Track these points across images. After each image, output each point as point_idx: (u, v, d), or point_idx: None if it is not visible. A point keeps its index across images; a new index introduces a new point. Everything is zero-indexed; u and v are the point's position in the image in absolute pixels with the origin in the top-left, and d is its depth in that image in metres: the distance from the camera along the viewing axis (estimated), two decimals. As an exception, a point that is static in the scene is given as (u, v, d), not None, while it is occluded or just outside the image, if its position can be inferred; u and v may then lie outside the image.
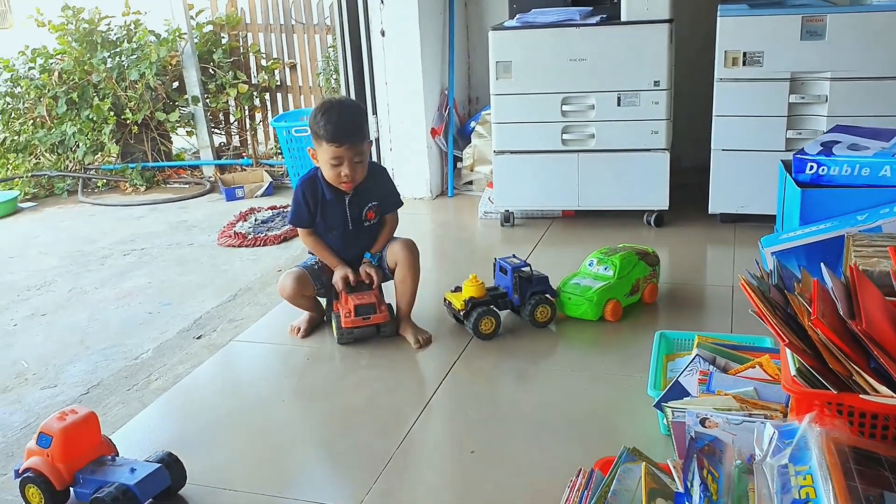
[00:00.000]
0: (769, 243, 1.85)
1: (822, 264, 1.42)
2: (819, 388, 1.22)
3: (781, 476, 1.09)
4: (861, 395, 1.18)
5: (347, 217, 2.74)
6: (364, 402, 2.37)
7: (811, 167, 1.88)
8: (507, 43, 3.68)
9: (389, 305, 2.77)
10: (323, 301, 2.90)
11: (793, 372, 1.24)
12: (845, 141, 1.95)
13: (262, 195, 4.98)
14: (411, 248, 2.80)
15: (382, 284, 2.82)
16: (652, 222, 3.78)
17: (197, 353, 2.75)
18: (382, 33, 4.24)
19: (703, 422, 1.69)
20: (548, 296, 2.79)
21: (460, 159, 4.56)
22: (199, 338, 2.90)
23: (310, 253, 2.87)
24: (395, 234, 2.89)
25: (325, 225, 2.75)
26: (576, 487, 1.59)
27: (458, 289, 2.80)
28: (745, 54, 3.46)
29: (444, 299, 2.83)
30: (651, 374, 2.18)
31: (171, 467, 1.92)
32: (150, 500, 1.89)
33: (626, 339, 2.69)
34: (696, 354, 1.89)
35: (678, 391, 1.90)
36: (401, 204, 2.89)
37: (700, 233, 3.68)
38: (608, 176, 3.73)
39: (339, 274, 2.72)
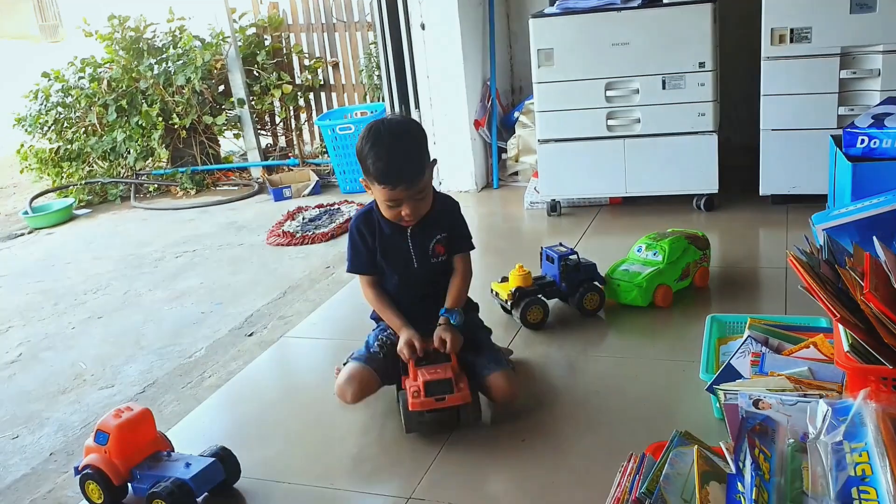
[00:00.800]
0: (820, 220, 1.79)
1: (874, 238, 1.37)
2: (873, 364, 1.18)
3: (836, 453, 1.06)
4: (919, 370, 1.14)
5: (411, 253, 2.25)
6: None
7: (862, 140, 1.82)
8: (547, 30, 3.65)
9: (474, 387, 2.16)
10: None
11: (846, 348, 1.20)
12: (897, 112, 1.89)
13: (308, 194, 5.03)
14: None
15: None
16: (702, 206, 3.72)
17: (249, 350, 2.79)
18: (422, 27, 4.24)
19: (755, 403, 1.65)
20: (596, 283, 2.76)
21: (505, 150, 4.54)
22: (250, 335, 2.94)
23: (372, 318, 2.43)
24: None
25: (386, 266, 2.27)
26: (627, 472, 1.57)
27: (504, 279, 2.79)
28: (792, 31, 3.37)
29: (491, 290, 2.82)
30: (703, 358, 2.14)
31: (225, 461, 1.95)
32: (206, 493, 1.93)
33: (677, 324, 2.65)
34: (748, 336, 1.85)
35: (730, 374, 1.86)
36: (472, 247, 2.38)
37: (751, 215, 3.60)
38: (655, 161, 3.68)
39: (405, 338, 2.17)
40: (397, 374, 2.21)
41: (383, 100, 5.32)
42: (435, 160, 2.24)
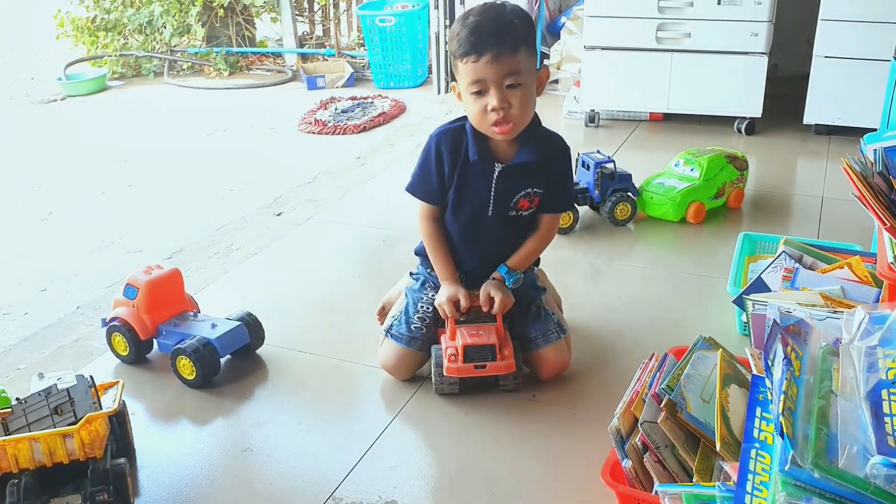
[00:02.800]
0: (872, 140, 1.74)
1: None
2: (918, 276, 1.17)
3: (869, 357, 1.05)
4: (963, 284, 1.13)
5: (491, 194, 1.85)
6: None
7: (928, 61, 1.75)
8: (604, -69, 3.51)
9: (518, 349, 1.87)
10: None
11: (890, 259, 1.18)
12: (969, 35, 1.81)
13: (342, 86, 4.96)
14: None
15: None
16: (743, 129, 3.64)
17: (277, 228, 2.80)
18: (474, -81, 4.09)
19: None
20: (629, 194, 2.74)
21: (547, 56, 4.43)
22: (278, 215, 2.95)
23: (418, 253, 2.06)
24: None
25: (456, 202, 1.89)
26: (648, 369, 1.58)
27: None
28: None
29: None
30: (732, 273, 2.13)
31: (250, 326, 1.98)
32: (229, 355, 1.97)
33: (707, 241, 2.63)
34: (783, 251, 1.83)
35: (760, 287, 1.85)
36: (568, 207, 2.21)
37: (792, 143, 3.53)
38: (701, 78, 3.58)
39: (448, 293, 1.86)
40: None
41: (427, -6, 5.19)
42: (546, 66, 1.92)
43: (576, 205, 2.70)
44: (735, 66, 3.53)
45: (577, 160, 2.84)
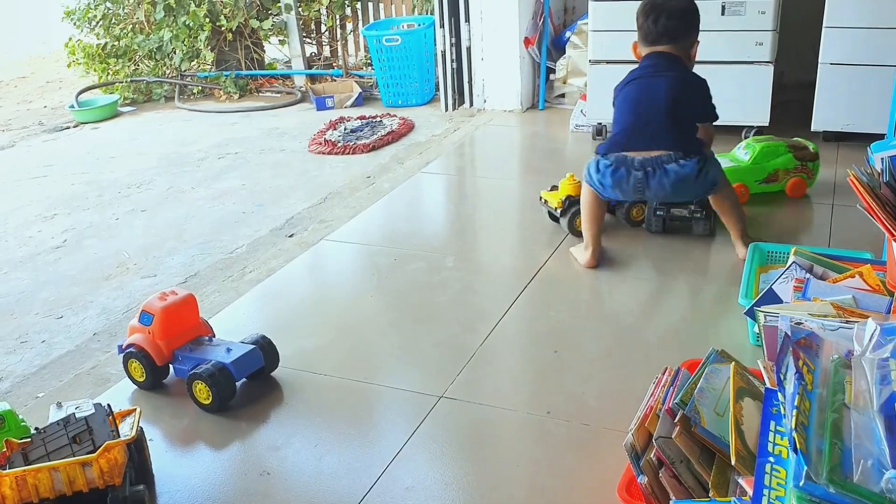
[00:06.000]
0: (879, 149, 1.75)
1: None
2: (927, 286, 1.17)
3: (881, 369, 1.06)
4: (973, 294, 1.13)
5: None
6: (450, 301, 2.40)
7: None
8: (606, -54, 3.53)
9: None
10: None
11: (900, 269, 1.18)
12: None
13: (351, 105, 4.99)
14: None
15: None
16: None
17: (289, 250, 2.82)
18: (477, -63, 4.13)
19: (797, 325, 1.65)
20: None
21: (553, 71, 4.46)
22: (290, 236, 2.97)
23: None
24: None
25: None
26: (661, 384, 1.58)
27: (554, 188, 2.83)
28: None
29: (541, 198, 2.86)
30: (743, 284, 2.14)
31: (264, 349, 2.00)
32: (244, 379, 1.98)
33: (719, 250, 2.63)
34: (793, 262, 1.83)
35: (771, 298, 1.85)
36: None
37: (801, 151, 3.52)
38: (715, 89, 3.57)
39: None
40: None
41: (432, 12, 5.23)
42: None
43: None
44: (741, 76, 3.53)
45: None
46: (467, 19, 4.34)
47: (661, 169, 2.41)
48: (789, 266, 1.83)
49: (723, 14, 3.46)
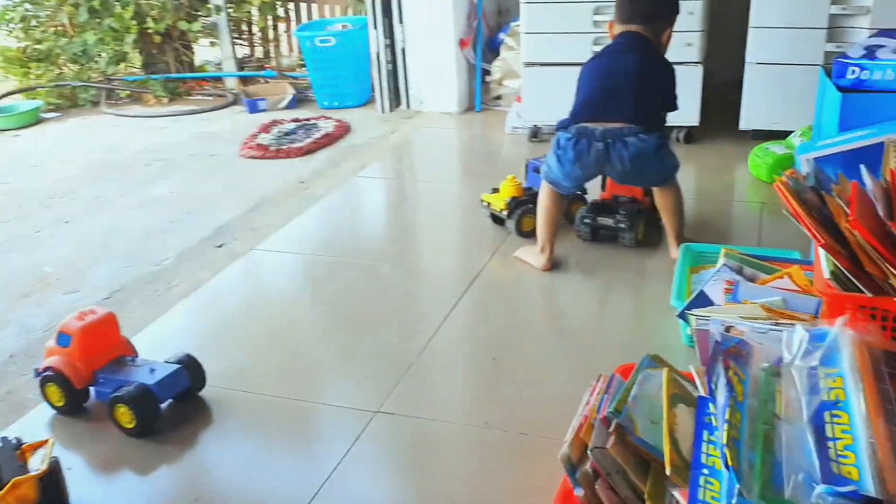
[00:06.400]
0: (805, 150, 1.77)
1: (861, 166, 1.35)
2: (853, 292, 1.17)
3: (810, 378, 1.05)
4: (897, 299, 1.13)
5: None
6: (387, 309, 2.36)
7: (853, 71, 1.78)
8: (537, -53, 3.53)
9: None
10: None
11: (826, 275, 1.19)
12: (889, 45, 1.85)
13: (284, 108, 4.90)
14: None
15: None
16: (681, 139, 3.68)
17: (218, 261, 2.74)
18: (408, -62, 4.09)
19: (727, 330, 1.65)
20: (580, 194, 2.81)
21: (488, 73, 4.44)
22: (220, 246, 2.89)
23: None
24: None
25: None
26: (596, 391, 1.56)
27: (495, 190, 2.82)
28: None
29: (482, 200, 2.84)
30: (675, 285, 2.14)
31: (190, 369, 1.92)
32: (170, 400, 1.91)
33: (650, 250, 2.64)
34: (723, 264, 1.84)
35: (703, 301, 1.85)
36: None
37: (730, 149, 3.57)
38: (639, 89, 3.61)
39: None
40: None
41: (366, 13, 5.16)
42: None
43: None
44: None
45: (526, 167, 2.89)
46: (401, 21, 4.29)
47: (621, 141, 2.35)
48: (719, 268, 1.84)
49: (653, 15, 3.47)
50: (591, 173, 2.50)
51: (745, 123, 3.59)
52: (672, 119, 3.59)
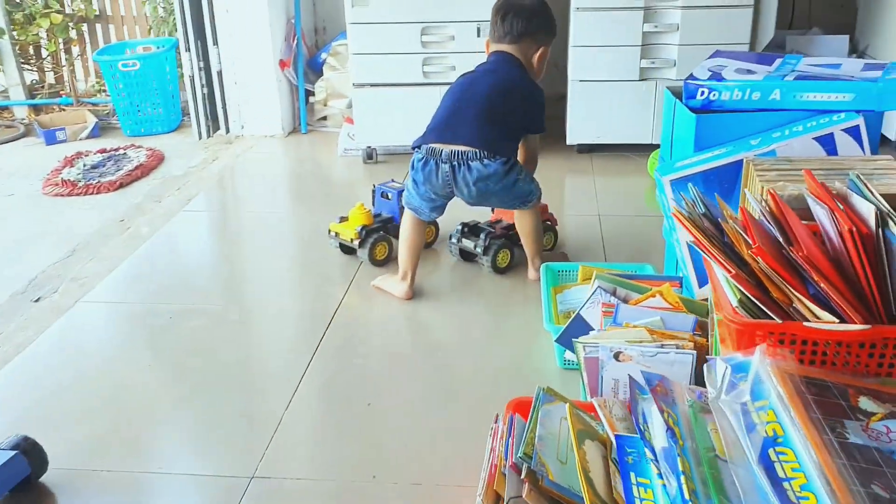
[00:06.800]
0: (666, 171, 1.81)
1: (716, 195, 1.39)
2: (761, 319, 1.18)
3: (744, 415, 1.04)
4: (805, 323, 1.16)
5: None
6: (241, 360, 2.18)
7: (702, 92, 1.85)
8: (361, -33, 3.46)
9: None
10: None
11: (734, 303, 1.19)
12: (730, 66, 1.94)
13: (87, 137, 4.50)
14: None
15: None
16: (514, 155, 3.73)
17: (38, 318, 2.43)
18: (220, -45, 3.88)
19: (616, 356, 1.65)
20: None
21: (312, 93, 4.30)
22: (37, 300, 2.56)
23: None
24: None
25: None
26: (497, 435, 1.51)
27: (343, 219, 2.70)
28: (600, -20, 3.44)
29: (330, 231, 2.73)
30: (545, 308, 2.14)
31: (28, 453, 1.66)
32: (7, 493, 1.64)
33: (515, 273, 2.63)
34: (598, 286, 1.85)
35: (580, 325, 1.85)
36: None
37: (560, 164, 3.67)
38: (470, 108, 3.63)
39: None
40: None
41: (173, 34, 4.86)
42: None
43: (388, 236, 2.69)
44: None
45: (373, 192, 2.83)
46: (216, 42, 4.06)
47: (465, 165, 2.33)
48: (594, 290, 1.84)
49: (478, 35, 3.51)
50: (443, 195, 2.44)
51: (571, 138, 3.71)
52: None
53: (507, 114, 2.38)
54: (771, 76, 1.84)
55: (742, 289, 1.17)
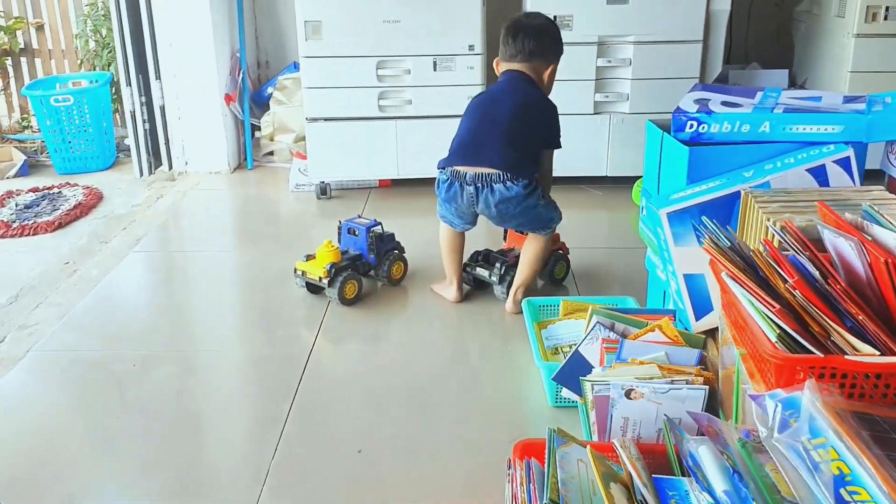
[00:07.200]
0: (662, 205, 1.81)
1: (727, 228, 1.39)
2: (800, 353, 1.17)
3: (805, 454, 1.02)
4: (846, 357, 1.15)
5: None
6: (218, 409, 2.07)
7: (691, 125, 1.86)
8: (315, 1, 3.40)
9: None
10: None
11: (773, 339, 1.18)
12: (714, 98, 1.96)
13: (15, 176, 4.28)
14: None
15: None
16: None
17: (-13, 371, 2.25)
18: (163, -13, 3.77)
19: (628, 394, 1.62)
20: (397, 252, 2.75)
21: (258, 128, 4.20)
22: (-17, 351, 2.38)
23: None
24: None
25: None
26: (517, 481, 1.45)
27: (310, 257, 2.62)
28: (555, 17, 3.46)
29: (296, 270, 2.64)
30: (533, 345, 2.10)
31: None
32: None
33: (479, 307, 2.60)
34: (596, 322, 1.82)
35: (579, 363, 1.82)
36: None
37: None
38: (426, 142, 3.60)
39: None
40: None
41: (106, 68, 4.71)
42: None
43: (358, 273, 2.64)
44: (456, 129, 3.58)
45: (339, 229, 2.77)
46: (158, 76, 3.93)
47: (488, 187, 2.38)
48: (594, 326, 1.82)
49: (435, 70, 3.50)
50: (468, 213, 2.51)
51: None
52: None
53: (528, 134, 2.43)
54: (759, 108, 1.86)
55: (783, 324, 1.15)
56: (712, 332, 1.92)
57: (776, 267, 1.21)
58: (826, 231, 1.36)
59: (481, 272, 2.63)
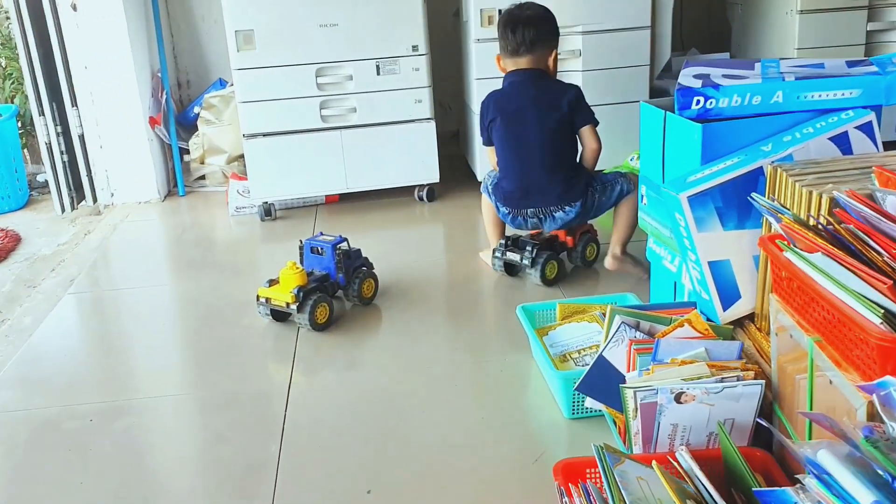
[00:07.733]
0: (681, 188, 1.66)
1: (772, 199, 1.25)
2: (906, 332, 1.03)
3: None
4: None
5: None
6: (198, 459, 1.83)
7: (698, 101, 1.73)
8: (245, 8, 3.17)
9: None
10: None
11: (877, 321, 1.04)
12: (714, 73, 1.84)
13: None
14: None
15: None
16: (424, 197, 3.54)
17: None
18: (74, 7, 3.46)
19: (678, 398, 1.47)
20: (367, 268, 2.56)
21: (187, 151, 3.92)
22: None
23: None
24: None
25: None
26: (578, 509, 1.27)
27: (272, 282, 2.36)
28: (500, 11, 3.32)
29: (259, 297, 2.40)
30: (542, 355, 1.93)
31: None
32: None
33: (470, 315, 2.43)
34: (621, 322, 1.66)
35: (605, 368, 1.66)
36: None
37: (474, 202, 3.49)
38: (375, 152, 3.41)
39: None
40: None
41: (10, 100, 4.35)
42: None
43: (327, 295, 2.41)
44: (406, 135, 3.42)
45: (301, 248, 2.54)
46: (74, 103, 3.61)
47: (549, 216, 2.56)
48: (618, 327, 1.66)
49: (378, 74, 3.31)
50: (529, 230, 2.68)
51: (481, 174, 3.55)
52: (413, 178, 3.48)
53: (562, 140, 2.51)
54: (768, 78, 1.75)
55: (892, 303, 1.01)
56: (738, 323, 1.79)
57: (867, 240, 1.07)
58: (890, 197, 1.24)
59: (512, 256, 2.62)
